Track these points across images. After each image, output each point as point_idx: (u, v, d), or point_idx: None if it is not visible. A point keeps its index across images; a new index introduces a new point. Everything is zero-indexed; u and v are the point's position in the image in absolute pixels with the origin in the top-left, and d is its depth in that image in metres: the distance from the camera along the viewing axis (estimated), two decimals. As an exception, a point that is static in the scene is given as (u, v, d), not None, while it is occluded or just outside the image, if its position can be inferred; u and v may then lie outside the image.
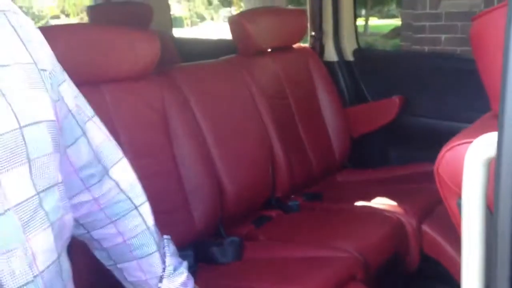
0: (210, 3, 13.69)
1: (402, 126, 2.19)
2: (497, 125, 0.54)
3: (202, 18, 17.41)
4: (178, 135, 1.57)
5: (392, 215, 1.69)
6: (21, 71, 0.69)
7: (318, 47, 2.33)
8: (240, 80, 1.88)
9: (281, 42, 2.10)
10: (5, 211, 0.63)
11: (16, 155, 0.64)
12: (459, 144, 0.69)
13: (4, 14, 0.71)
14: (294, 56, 2.15)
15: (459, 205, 0.70)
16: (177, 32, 4.18)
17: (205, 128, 1.69)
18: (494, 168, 0.54)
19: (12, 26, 0.71)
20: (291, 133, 2.01)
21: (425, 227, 1.66)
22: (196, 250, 1.52)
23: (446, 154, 0.71)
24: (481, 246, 0.63)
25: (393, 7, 11.62)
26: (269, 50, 2.07)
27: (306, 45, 2.33)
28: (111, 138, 0.91)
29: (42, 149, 0.68)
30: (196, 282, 1.01)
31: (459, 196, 0.69)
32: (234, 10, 11.82)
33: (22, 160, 0.65)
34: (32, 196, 0.66)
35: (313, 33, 2.32)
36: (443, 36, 3.85)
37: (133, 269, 0.94)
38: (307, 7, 2.33)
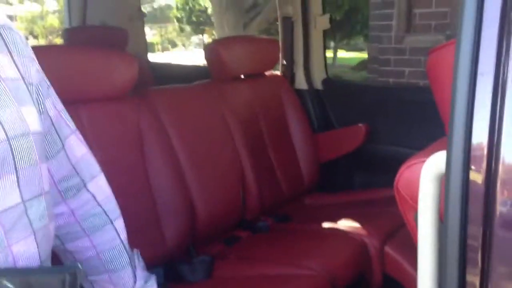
0: (182, 30, 13.84)
1: (367, 152, 2.29)
2: (447, 145, 0.62)
3: (173, 45, 17.53)
4: (152, 156, 1.62)
5: (357, 236, 1.76)
6: (10, 86, 0.72)
7: (289, 75, 2.42)
8: (214, 105, 1.94)
9: (254, 69, 2.18)
10: None
11: (5, 164, 0.68)
12: (415, 163, 0.77)
13: None
14: (266, 83, 2.23)
15: (416, 219, 0.77)
16: (149, 57, 4.24)
17: (179, 150, 1.73)
18: (444, 182, 0.62)
19: (4, 41, 0.74)
20: (261, 157, 2.08)
21: (388, 249, 1.74)
22: (166, 269, 1.55)
23: (404, 172, 0.79)
24: (434, 253, 0.70)
25: (360, 40, 12.02)
26: (242, 76, 2.15)
27: (278, 72, 2.42)
28: (91, 153, 0.94)
29: (28, 160, 0.71)
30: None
31: (416, 210, 0.76)
32: (206, 38, 11.97)
33: (10, 169, 0.68)
34: (18, 204, 0.69)
35: (284, 62, 2.42)
36: (407, 70, 4.03)
37: (104, 281, 0.95)
38: (279, 37, 2.44)
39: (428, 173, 0.68)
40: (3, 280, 0.61)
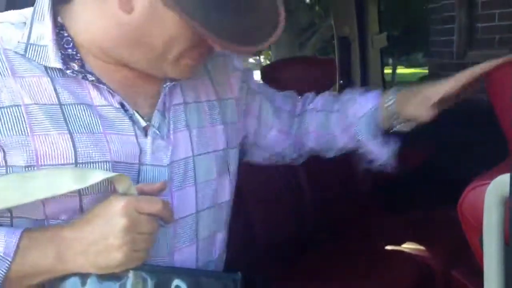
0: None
1: (428, 171, 2.22)
2: (510, 166, 0.60)
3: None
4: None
5: (420, 259, 1.71)
6: (204, 108, 0.83)
7: (346, 95, 2.41)
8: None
9: (311, 90, 2.17)
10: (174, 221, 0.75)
11: (187, 177, 0.78)
12: (480, 185, 0.75)
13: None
14: (323, 103, 2.23)
15: (481, 242, 0.75)
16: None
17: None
18: (509, 206, 0.60)
19: (207, 69, 0.87)
20: (319, 176, 2.07)
21: (454, 272, 1.67)
22: None
23: (469, 194, 0.77)
24: (501, 278, 0.68)
25: (420, 55, 11.76)
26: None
27: (335, 93, 2.42)
28: None
29: (207, 175, 0.81)
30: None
31: (481, 233, 0.74)
32: (263, 59, 12.14)
33: (191, 182, 0.79)
34: (191, 214, 0.79)
35: (341, 82, 2.42)
36: (470, 85, 3.89)
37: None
38: (336, 57, 2.44)
39: (492, 196, 0.67)
40: (175, 277, 0.70)
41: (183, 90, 0.81)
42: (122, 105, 0.74)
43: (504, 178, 0.65)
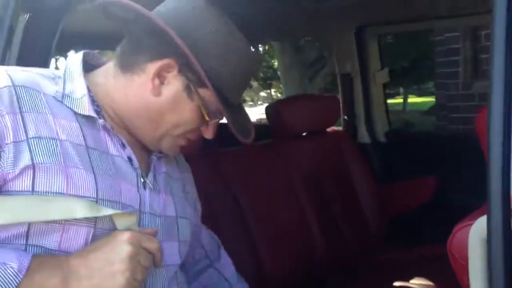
0: (250, 86, 14.31)
1: (437, 203, 2.22)
2: (486, 210, 0.63)
3: (243, 101, 18.01)
4: (219, 214, 1.68)
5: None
6: (180, 185, 1.02)
7: (351, 130, 2.45)
8: (277, 163, 2.00)
9: (316, 126, 2.22)
10: (162, 267, 0.88)
11: (171, 233, 0.94)
12: (466, 225, 0.77)
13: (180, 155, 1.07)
14: (328, 139, 2.26)
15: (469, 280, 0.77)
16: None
17: (245, 207, 1.79)
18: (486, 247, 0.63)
19: (176, 159, 1.06)
20: (327, 212, 2.09)
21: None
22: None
23: (456, 234, 0.79)
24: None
25: (431, 84, 11.78)
26: (304, 134, 2.21)
27: (340, 128, 2.46)
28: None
29: (186, 236, 0.99)
30: None
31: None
32: (274, 92, 12.27)
33: (174, 238, 0.95)
34: (178, 264, 0.96)
35: (346, 117, 2.46)
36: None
37: None
38: (340, 93, 2.49)
39: (476, 236, 0.69)
40: None
41: (166, 162, 0.97)
42: (129, 159, 0.88)
43: (485, 219, 0.67)
